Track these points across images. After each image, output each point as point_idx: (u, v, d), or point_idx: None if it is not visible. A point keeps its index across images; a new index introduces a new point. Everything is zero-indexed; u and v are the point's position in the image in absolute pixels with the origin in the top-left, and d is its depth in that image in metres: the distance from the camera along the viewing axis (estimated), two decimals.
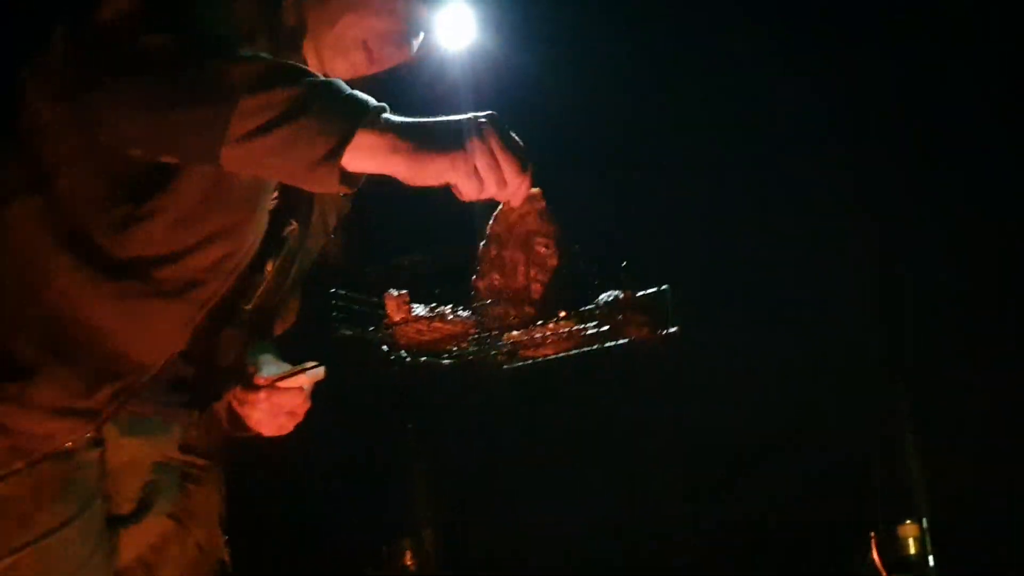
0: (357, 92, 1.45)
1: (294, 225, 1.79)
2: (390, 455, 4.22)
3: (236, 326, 1.77)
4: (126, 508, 1.74)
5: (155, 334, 1.63)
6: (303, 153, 1.41)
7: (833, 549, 3.80)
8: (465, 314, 1.82)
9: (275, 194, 1.74)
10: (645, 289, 1.80)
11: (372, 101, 1.45)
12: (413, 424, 4.23)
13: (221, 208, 1.61)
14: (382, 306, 1.86)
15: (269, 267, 1.77)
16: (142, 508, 1.75)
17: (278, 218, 1.76)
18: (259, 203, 1.68)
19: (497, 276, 1.81)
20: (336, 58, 1.75)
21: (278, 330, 1.92)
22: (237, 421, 1.86)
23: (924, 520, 3.67)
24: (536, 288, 1.79)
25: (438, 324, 1.80)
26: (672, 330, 1.79)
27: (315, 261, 1.90)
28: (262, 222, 1.69)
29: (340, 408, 1.94)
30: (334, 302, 1.87)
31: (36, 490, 1.57)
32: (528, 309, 1.78)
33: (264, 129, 1.40)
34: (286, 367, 1.85)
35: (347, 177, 1.44)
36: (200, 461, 1.83)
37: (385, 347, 1.87)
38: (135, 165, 1.55)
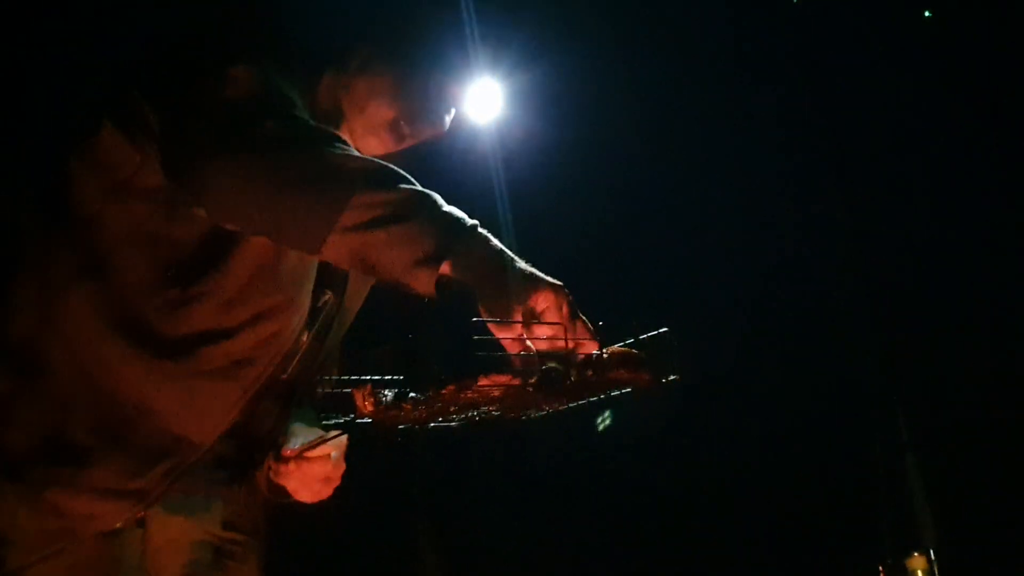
0: (454, 208, 1.47)
1: (328, 295, 1.81)
2: (396, 511, 4.22)
3: (272, 398, 1.79)
4: None
5: (205, 414, 1.65)
6: (406, 253, 1.42)
7: None
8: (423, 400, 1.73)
9: None
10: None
11: (468, 218, 1.47)
12: (417, 482, 4.24)
13: (268, 288, 1.64)
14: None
15: (304, 338, 1.78)
16: None
17: (314, 290, 1.78)
18: (304, 283, 1.71)
19: None
20: (367, 136, 1.78)
21: (319, 396, 1.93)
22: (277, 489, 1.87)
23: (932, 552, 3.67)
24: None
25: (408, 408, 1.72)
26: (673, 378, 1.74)
27: (350, 328, 1.91)
28: (306, 301, 1.72)
29: (349, 470, 1.95)
30: (320, 389, 1.87)
31: (74, 571, 1.58)
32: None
33: (374, 224, 1.42)
34: (317, 433, 1.86)
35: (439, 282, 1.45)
36: (241, 537, 1.84)
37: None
38: (183, 249, 1.59)
